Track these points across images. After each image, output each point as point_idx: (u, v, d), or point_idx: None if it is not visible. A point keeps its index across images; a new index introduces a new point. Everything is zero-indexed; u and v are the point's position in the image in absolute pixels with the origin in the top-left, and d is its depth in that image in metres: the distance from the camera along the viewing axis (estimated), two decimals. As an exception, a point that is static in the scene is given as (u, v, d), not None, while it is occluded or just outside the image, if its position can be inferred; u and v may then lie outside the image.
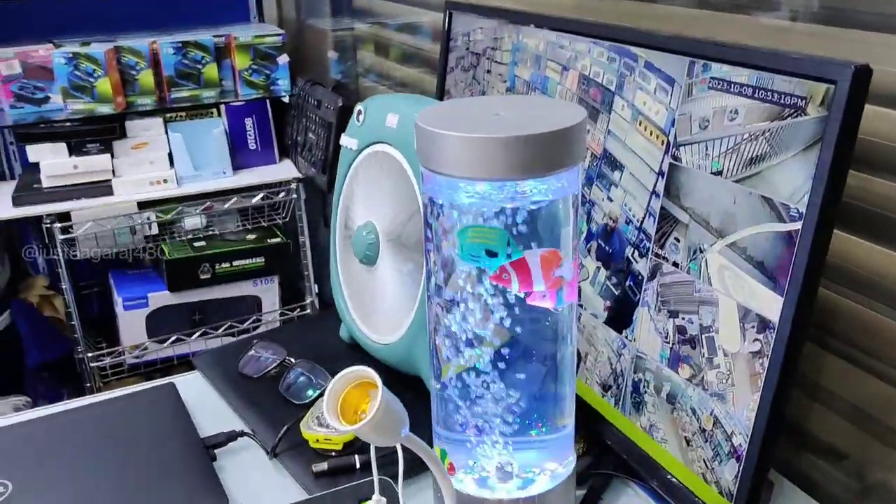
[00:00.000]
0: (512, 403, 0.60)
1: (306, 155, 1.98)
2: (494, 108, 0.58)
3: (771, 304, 0.58)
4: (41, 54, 1.88)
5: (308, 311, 2.13)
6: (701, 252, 0.65)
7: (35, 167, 1.88)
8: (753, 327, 0.60)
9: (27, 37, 1.98)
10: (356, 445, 0.80)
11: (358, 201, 0.91)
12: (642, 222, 0.71)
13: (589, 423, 0.78)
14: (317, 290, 2.13)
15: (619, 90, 0.73)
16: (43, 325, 2.06)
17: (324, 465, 0.76)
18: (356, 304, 0.95)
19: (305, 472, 0.77)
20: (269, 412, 0.87)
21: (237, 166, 2.04)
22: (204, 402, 0.92)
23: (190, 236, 1.99)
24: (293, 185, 2.01)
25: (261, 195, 1.99)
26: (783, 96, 0.57)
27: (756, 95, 0.59)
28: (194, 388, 0.95)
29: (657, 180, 0.69)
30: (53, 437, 0.83)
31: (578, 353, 0.80)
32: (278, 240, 2.05)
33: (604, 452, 0.78)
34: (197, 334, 2.01)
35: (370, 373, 0.53)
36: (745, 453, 0.61)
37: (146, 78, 1.94)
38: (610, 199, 0.75)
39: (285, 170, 2.07)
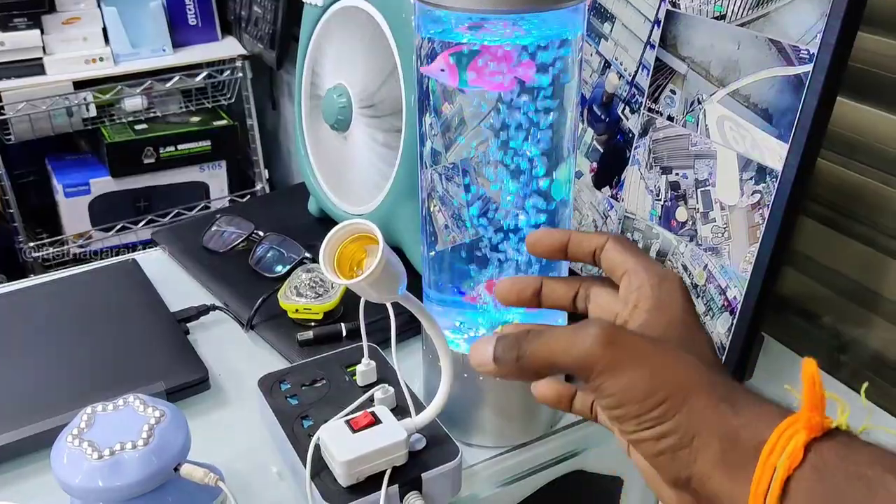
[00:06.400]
0: (521, 262, 0.58)
1: (251, 30, 1.87)
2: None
3: (774, 153, 0.57)
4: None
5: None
6: (699, 103, 0.62)
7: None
8: (753, 179, 0.59)
9: None
10: (336, 314, 0.77)
11: (326, 63, 0.86)
12: (634, 76, 0.68)
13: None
14: (267, 176, 2.06)
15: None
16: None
17: (309, 334, 0.74)
18: (326, 174, 0.91)
19: (287, 342, 0.75)
20: (240, 286, 0.84)
21: (177, 43, 1.92)
22: (167, 278, 0.88)
23: (131, 119, 1.89)
24: (238, 63, 1.91)
25: (204, 74, 1.89)
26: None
27: (766, -70, 0.56)
28: (157, 265, 0.91)
29: (652, 29, 0.66)
30: (16, 312, 0.79)
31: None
32: (224, 122, 1.97)
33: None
34: (143, 222, 1.94)
35: (370, 226, 0.50)
36: (740, 305, 0.61)
37: (72, -56, 1.79)
38: (599, 54, 0.71)
39: (229, 47, 1.95)
